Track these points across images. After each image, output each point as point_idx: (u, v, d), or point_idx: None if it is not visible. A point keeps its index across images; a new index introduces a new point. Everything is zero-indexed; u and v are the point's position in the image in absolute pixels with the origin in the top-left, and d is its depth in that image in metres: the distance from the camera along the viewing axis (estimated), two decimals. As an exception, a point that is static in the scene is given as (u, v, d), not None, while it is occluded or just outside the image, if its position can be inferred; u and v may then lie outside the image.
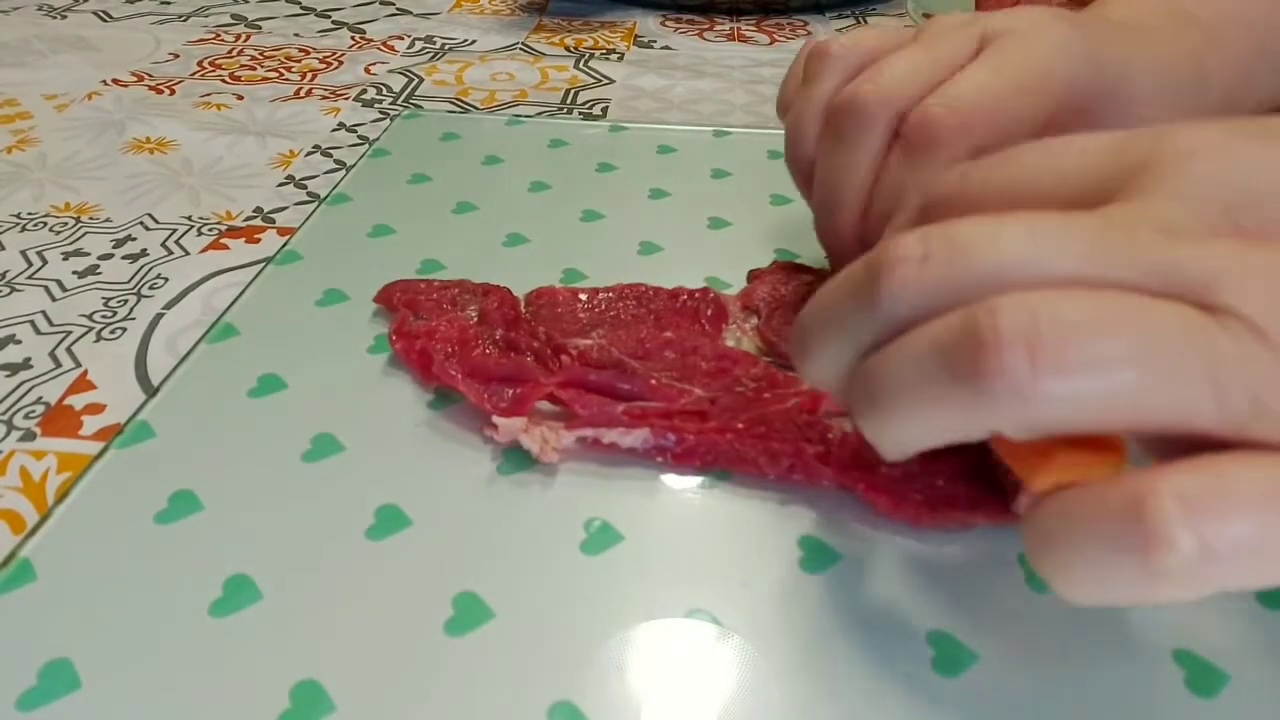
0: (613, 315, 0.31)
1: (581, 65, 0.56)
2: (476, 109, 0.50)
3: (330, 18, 0.65)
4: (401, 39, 0.61)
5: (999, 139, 0.24)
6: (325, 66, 0.56)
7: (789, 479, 0.25)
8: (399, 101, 0.51)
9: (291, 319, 0.32)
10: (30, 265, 0.36)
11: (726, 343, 0.30)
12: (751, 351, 0.29)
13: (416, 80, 0.54)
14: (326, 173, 0.43)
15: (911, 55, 0.27)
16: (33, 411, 0.29)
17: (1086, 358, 0.15)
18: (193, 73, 0.55)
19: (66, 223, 0.39)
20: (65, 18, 0.63)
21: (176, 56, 0.57)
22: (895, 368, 0.18)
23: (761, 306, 0.31)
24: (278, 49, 0.59)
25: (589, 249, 0.35)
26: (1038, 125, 0.26)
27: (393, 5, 0.67)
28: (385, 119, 0.49)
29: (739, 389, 0.27)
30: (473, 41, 0.60)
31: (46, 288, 0.35)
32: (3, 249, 0.37)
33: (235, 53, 0.58)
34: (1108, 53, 0.28)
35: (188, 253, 0.37)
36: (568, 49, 0.59)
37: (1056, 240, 0.17)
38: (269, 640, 0.21)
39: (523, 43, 0.60)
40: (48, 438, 0.28)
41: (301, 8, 0.67)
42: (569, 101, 0.51)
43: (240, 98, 0.51)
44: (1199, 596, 0.15)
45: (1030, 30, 0.27)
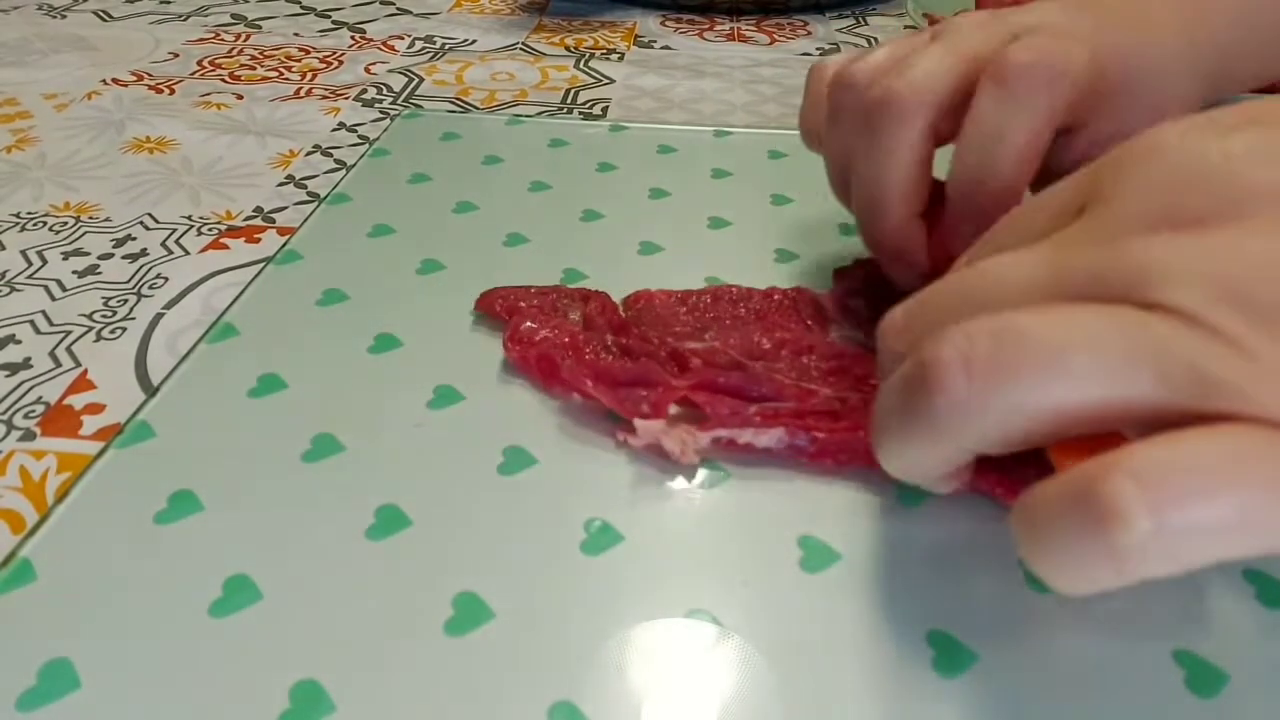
0: (713, 317, 0.30)
1: (581, 65, 0.56)
2: (476, 109, 0.50)
3: (330, 17, 0.65)
4: (401, 39, 0.61)
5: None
6: (325, 66, 0.56)
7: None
8: (399, 101, 0.51)
9: (291, 319, 0.31)
10: (30, 265, 0.36)
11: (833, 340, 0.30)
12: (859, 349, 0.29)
13: (416, 80, 0.54)
14: (326, 172, 0.43)
15: (938, 52, 0.27)
16: (32, 411, 0.29)
17: (1017, 364, 0.17)
18: (192, 72, 0.55)
19: (66, 222, 0.39)
20: (65, 17, 0.63)
21: (176, 56, 0.57)
22: (879, 407, 0.20)
23: (858, 304, 0.31)
24: (278, 49, 0.59)
25: (589, 249, 0.35)
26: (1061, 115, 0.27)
27: (393, 5, 0.67)
28: (385, 119, 0.49)
29: (864, 388, 0.27)
30: (473, 41, 0.60)
31: (46, 287, 0.35)
32: (3, 249, 0.37)
33: (235, 52, 0.58)
34: (1119, 40, 0.28)
35: (188, 252, 0.37)
36: (568, 49, 0.59)
37: (1010, 271, 0.19)
38: (269, 640, 0.21)
39: (523, 42, 0.60)
40: (47, 437, 0.28)
41: (301, 7, 0.67)
42: (569, 101, 0.51)
43: (240, 97, 0.51)
44: (1177, 571, 0.15)
45: (1061, 25, 0.28)
